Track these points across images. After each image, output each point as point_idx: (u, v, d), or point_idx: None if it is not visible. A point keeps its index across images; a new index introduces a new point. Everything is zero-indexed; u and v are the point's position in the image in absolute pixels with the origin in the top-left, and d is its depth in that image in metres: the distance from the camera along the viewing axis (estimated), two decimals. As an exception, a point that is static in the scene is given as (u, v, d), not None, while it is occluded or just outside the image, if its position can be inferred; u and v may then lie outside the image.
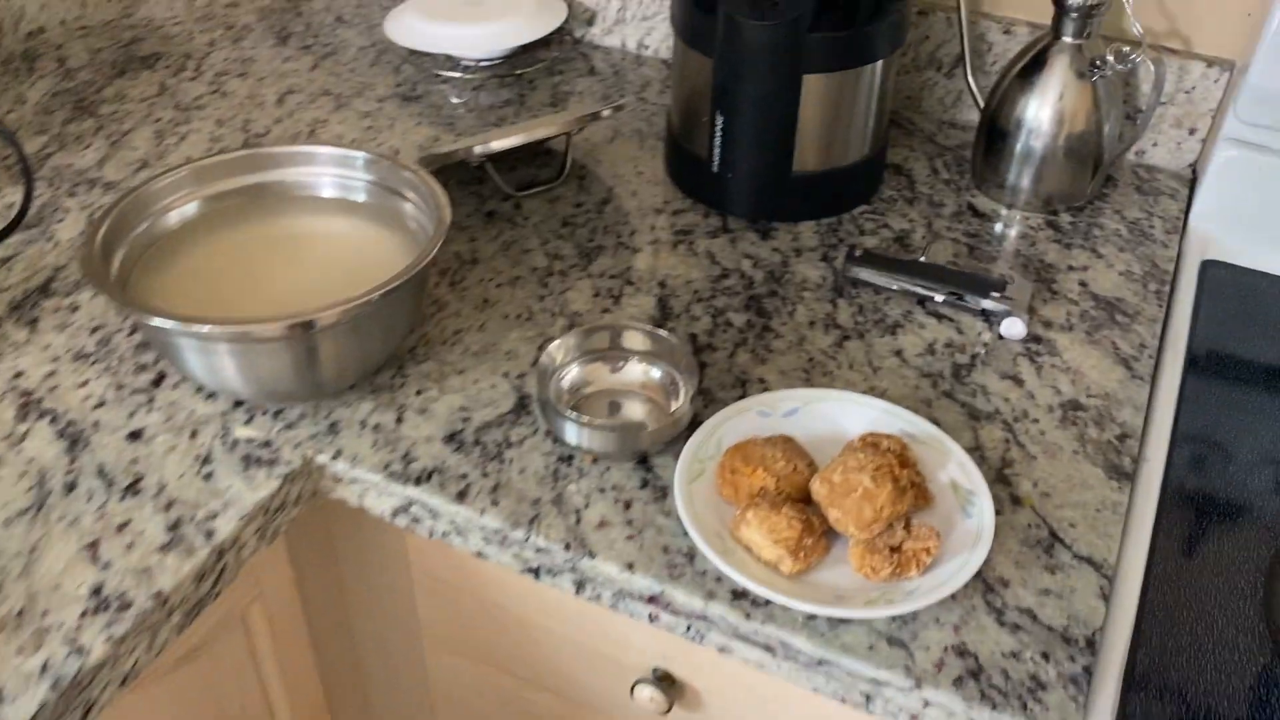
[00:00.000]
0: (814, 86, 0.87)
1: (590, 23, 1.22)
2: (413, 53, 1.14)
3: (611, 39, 1.21)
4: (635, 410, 0.75)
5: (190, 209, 0.79)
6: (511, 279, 0.87)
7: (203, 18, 1.27)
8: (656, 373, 0.76)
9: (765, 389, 0.77)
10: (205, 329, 0.65)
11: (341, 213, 0.81)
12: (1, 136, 0.96)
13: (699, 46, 0.89)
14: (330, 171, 0.81)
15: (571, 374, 0.76)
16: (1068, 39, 0.90)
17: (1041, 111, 0.92)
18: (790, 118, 0.88)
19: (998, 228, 0.94)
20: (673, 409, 0.72)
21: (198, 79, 1.14)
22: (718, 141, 0.91)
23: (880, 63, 0.89)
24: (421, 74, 1.15)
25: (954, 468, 0.69)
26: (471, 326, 0.82)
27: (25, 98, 1.10)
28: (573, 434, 0.70)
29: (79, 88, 1.12)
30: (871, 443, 0.69)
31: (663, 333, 0.75)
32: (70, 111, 1.08)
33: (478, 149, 0.89)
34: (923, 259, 0.87)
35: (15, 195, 0.95)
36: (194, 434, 0.72)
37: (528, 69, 1.16)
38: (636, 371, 0.76)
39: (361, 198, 0.81)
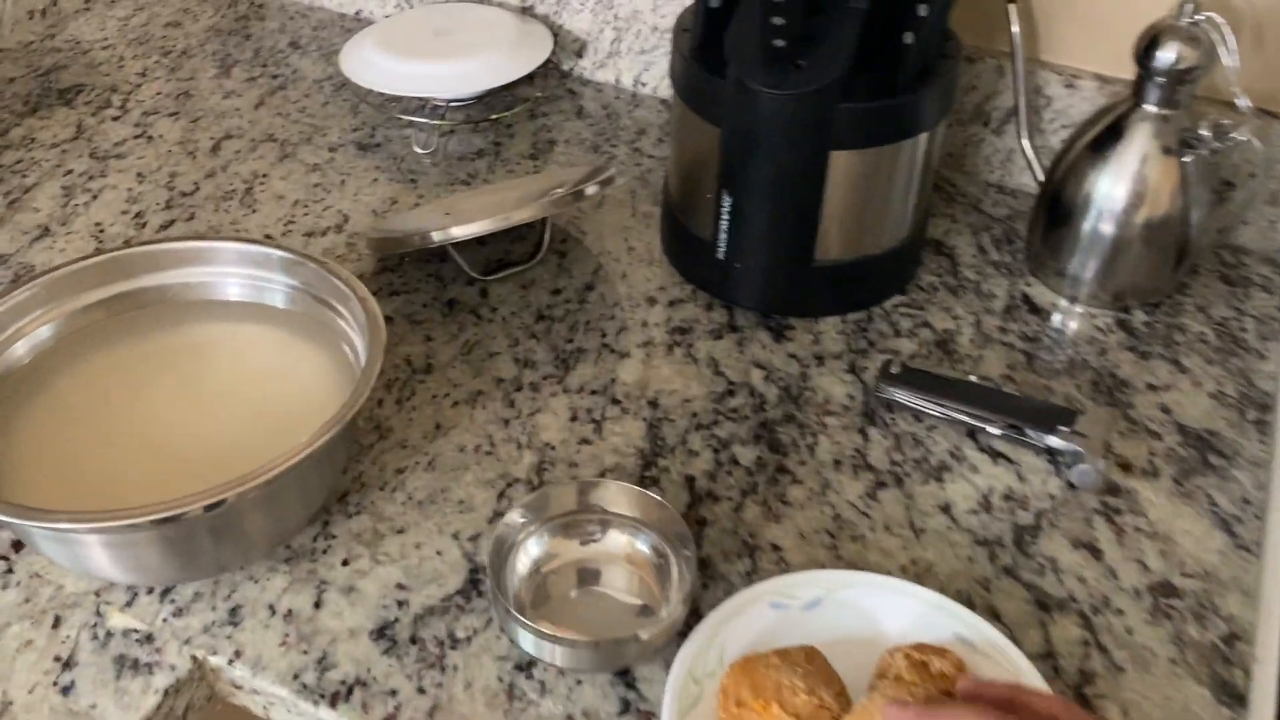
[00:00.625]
0: (843, 164, 0.71)
1: (580, 54, 1.06)
2: (368, 89, 0.98)
3: (604, 73, 1.05)
4: (616, 580, 0.60)
5: (44, 333, 0.63)
6: (471, 394, 0.72)
7: (137, 40, 1.11)
8: (643, 545, 0.61)
9: (780, 559, 0.62)
10: (63, 525, 0.50)
11: (252, 320, 0.66)
12: None
13: (703, 111, 0.74)
14: (237, 271, 0.66)
15: (535, 545, 0.60)
16: (1151, 107, 0.74)
17: (1116, 190, 0.76)
18: (813, 201, 0.72)
19: (1059, 328, 0.78)
20: (663, 610, 0.57)
21: (123, 118, 0.98)
22: (724, 224, 0.75)
23: (924, 135, 0.73)
24: (382, 116, 0.99)
25: (1022, 691, 0.54)
26: (419, 464, 0.67)
27: (-82, 141, 0.94)
28: (533, 646, 0.55)
29: (-18, 129, 0.96)
30: (919, 663, 0.53)
31: (653, 496, 0.60)
32: (-33, 160, 0.92)
33: (436, 235, 0.73)
34: (974, 378, 0.71)
35: (-115, 272, 0.79)
36: (56, 622, 0.57)
37: (506, 112, 1.00)
38: (619, 541, 0.61)
39: (279, 302, 0.66)
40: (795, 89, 0.67)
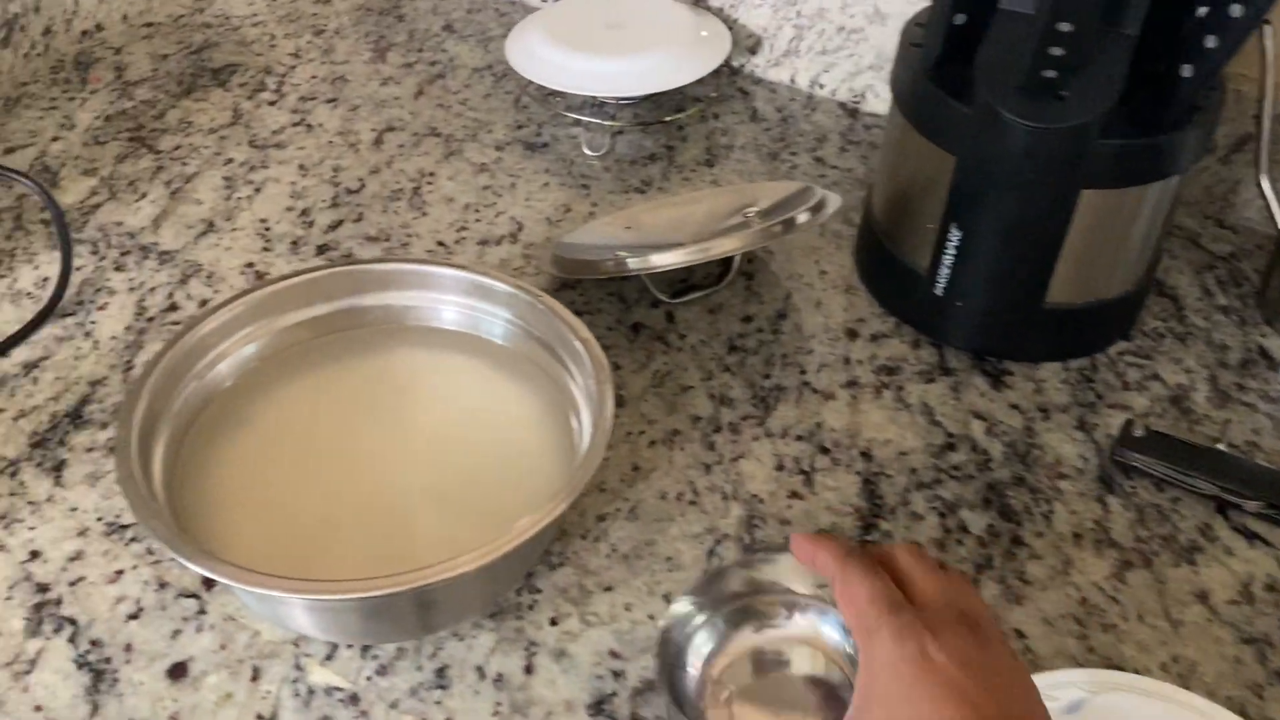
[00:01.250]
0: (1092, 204, 0.65)
1: (753, 51, 0.99)
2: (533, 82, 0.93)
3: (778, 73, 0.99)
4: (803, 668, 0.53)
5: (250, 351, 0.59)
6: (668, 434, 0.67)
7: (287, 17, 1.07)
8: (833, 630, 0.54)
9: (1025, 648, 0.56)
10: (269, 591, 0.46)
11: (465, 352, 0.61)
12: (37, 189, 0.77)
13: (934, 134, 0.67)
14: (455, 300, 0.61)
15: (708, 638, 0.53)
16: None
17: (1381, 239, 0.69)
18: (1054, 241, 0.66)
19: (1303, 387, 0.72)
20: None
21: (279, 103, 0.94)
22: (947, 259, 0.69)
23: (1175, 178, 0.66)
24: (547, 113, 0.94)
25: (1323, 829, 0.48)
26: (620, 511, 0.62)
27: (74, 120, 0.91)
28: None
29: (137, 110, 0.93)
30: (1208, 790, 0.48)
31: None
32: (125, 144, 0.89)
33: (633, 263, 0.68)
34: (1222, 447, 0.65)
35: (51, 263, 0.76)
36: (255, 674, 0.54)
37: (679, 114, 0.94)
38: (804, 626, 0.54)
39: (496, 336, 0.61)
40: (1057, 122, 0.60)
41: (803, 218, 0.69)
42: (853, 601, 0.43)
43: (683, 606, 0.53)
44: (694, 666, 0.53)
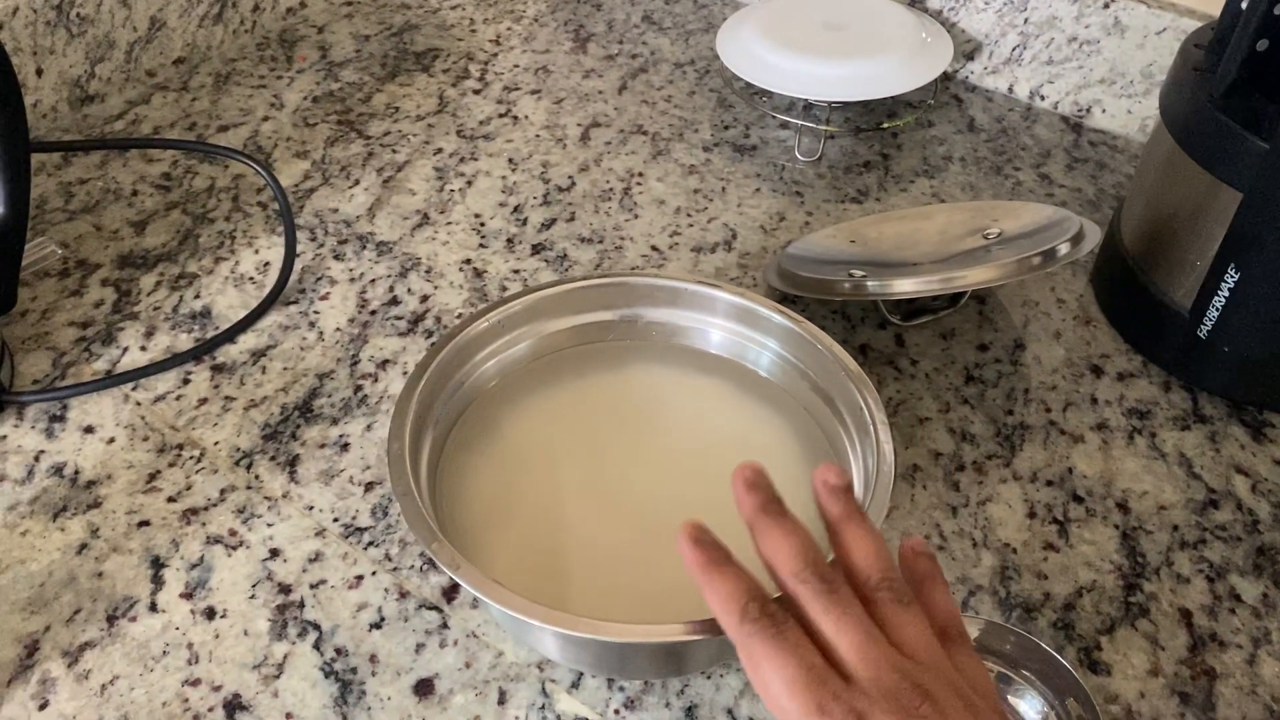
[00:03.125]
0: (1396, 252, 0.59)
1: (971, 57, 0.95)
2: (742, 80, 0.90)
3: (995, 80, 0.94)
4: None
5: (518, 352, 0.58)
6: (908, 469, 0.63)
7: (485, 1, 1.05)
8: (1030, 711, 0.50)
9: (1317, 739, 0.52)
10: (538, 624, 0.44)
11: (729, 379, 0.58)
12: (263, 172, 0.77)
13: (1215, 166, 0.62)
14: (722, 325, 0.58)
15: None
16: None
17: None
18: (1348, 290, 0.61)
19: None
20: None
21: (483, 92, 0.93)
22: (1218, 301, 0.64)
23: None
24: (755, 114, 0.91)
25: None
26: (864, 550, 0.59)
27: (283, 100, 0.91)
28: None
29: (344, 92, 0.92)
30: None
31: (1069, 668, 0.49)
32: (334, 126, 0.88)
33: (873, 286, 0.65)
34: None
35: (271, 248, 0.76)
36: (502, 698, 0.52)
37: (894, 120, 0.90)
38: (1005, 700, 0.51)
39: (761, 367, 0.58)
40: (1380, 165, 0.55)
41: (1064, 249, 0.65)
42: (756, 675, 0.36)
43: None
44: None
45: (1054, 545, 0.60)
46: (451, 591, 0.56)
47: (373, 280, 0.74)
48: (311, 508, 0.60)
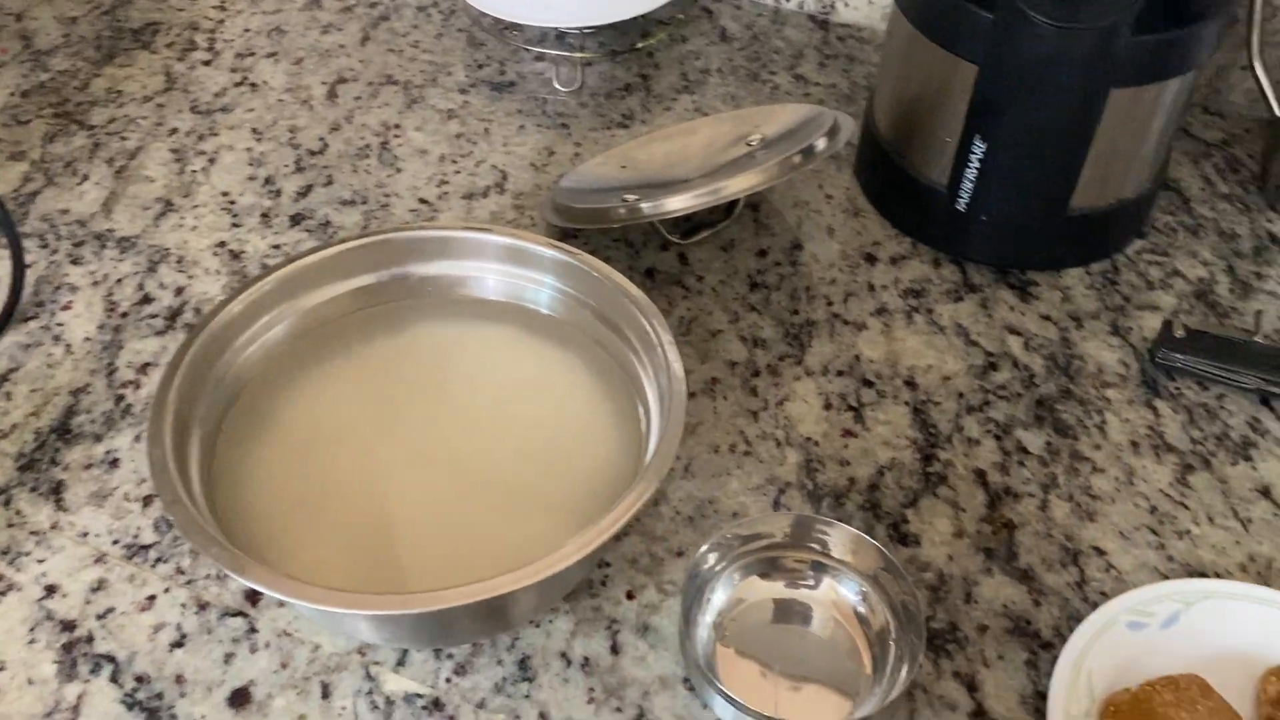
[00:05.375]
0: (1119, 104, 0.63)
1: (713, -33, 0.95)
2: (489, 16, 0.87)
3: (741, -12, 0.95)
4: (821, 628, 0.51)
5: (281, 332, 0.54)
6: (706, 383, 0.64)
7: (202, -35, 0.97)
8: (849, 594, 0.53)
9: (1108, 564, 0.56)
10: (336, 609, 0.41)
11: (511, 322, 0.56)
12: (-31, 181, 0.69)
13: (950, 43, 0.64)
14: (497, 268, 0.56)
15: (730, 585, 0.52)
16: None
17: (1387, 115, 0.69)
18: (1082, 145, 0.64)
19: (1316, 269, 0.72)
20: (871, 694, 0.49)
21: (214, 63, 0.87)
22: (970, 173, 0.66)
23: (1194, 71, 0.65)
24: (507, 49, 0.88)
25: None
26: (674, 471, 0.59)
27: (-14, 99, 0.82)
28: (731, 717, 0.47)
29: (56, 81, 0.84)
30: (1320, 688, 0.48)
31: (879, 547, 0.51)
32: (51, 121, 0.80)
33: (647, 208, 0.64)
34: (1259, 339, 0.64)
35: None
36: (326, 691, 0.50)
37: (648, 39, 0.89)
38: (831, 593, 0.52)
39: (542, 305, 0.56)
40: (1090, 22, 0.58)
41: (821, 144, 0.66)
42: None
43: (708, 558, 0.52)
44: (710, 615, 0.52)
45: (852, 431, 0.61)
46: (255, 594, 0.53)
47: (119, 280, 0.68)
48: (86, 534, 0.55)
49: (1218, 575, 0.55)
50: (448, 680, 0.50)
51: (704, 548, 0.51)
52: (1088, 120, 0.63)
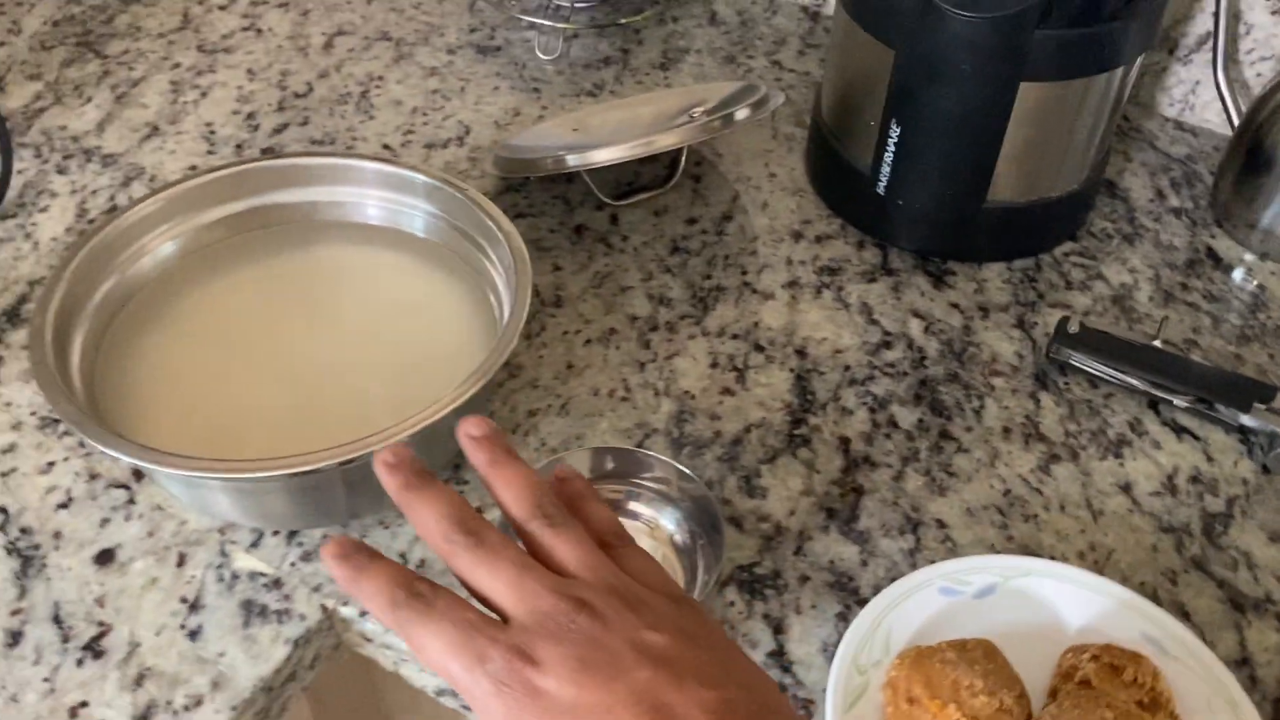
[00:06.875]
0: (1031, 98, 0.64)
1: (714, -47, 0.97)
2: (492, -14, 0.92)
3: (739, -24, 0.97)
4: None
5: (168, 249, 0.59)
6: (604, 332, 0.67)
7: (242, -78, 1.04)
8: (669, 522, 0.55)
9: (946, 537, 0.57)
10: (186, 473, 0.46)
11: (388, 246, 0.61)
12: (-23, 91, 0.76)
13: (875, 29, 0.66)
14: (376, 194, 0.61)
15: None
16: (1390, 43, 0.65)
17: (1331, 137, 0.68)
18: (994, 137, 0.65)
19: (1247, 287, 0.71)
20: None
21: (230, 7, 0.93)
22: (888, 156, 0.68)
23: (1120, 70, 0.65)
24: (502, 16, 0.93)
25: (1221, 706, 0.49)
26: (550, 407, 0.62)
27: (21, 26, 0.90)
28: None
29: (86, 15, 0.91)
30: (1109, 666, 0.49)
31: (685, 470, 0.54)
32: (72, 49, 0.88)
33: (572, 159, 0.67)
34: (1158, 343, 0.64)
35: (-7, 168, 0.76)
36: (181, 560, 0.55)
37: (635, 16, 0.92)
38: (642, 514, 0.55)
39: (418, 229, 0.61)
40: (994, 11, 0.59)
41: (742, 113, 0.68)
42: (424, 657, 0.35)
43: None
44: None
45: (731, 390, 0.64)
46: (139, 471, 0.58)
47: (95, 191, 0.75)
48: (10, 404, 0.61)
49: (1052, 559, 0.56)
50: (292, 564, 0.54)
51: None
52: (998, 112, 0.64)
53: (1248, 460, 0.61)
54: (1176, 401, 0.63)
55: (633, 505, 0.55)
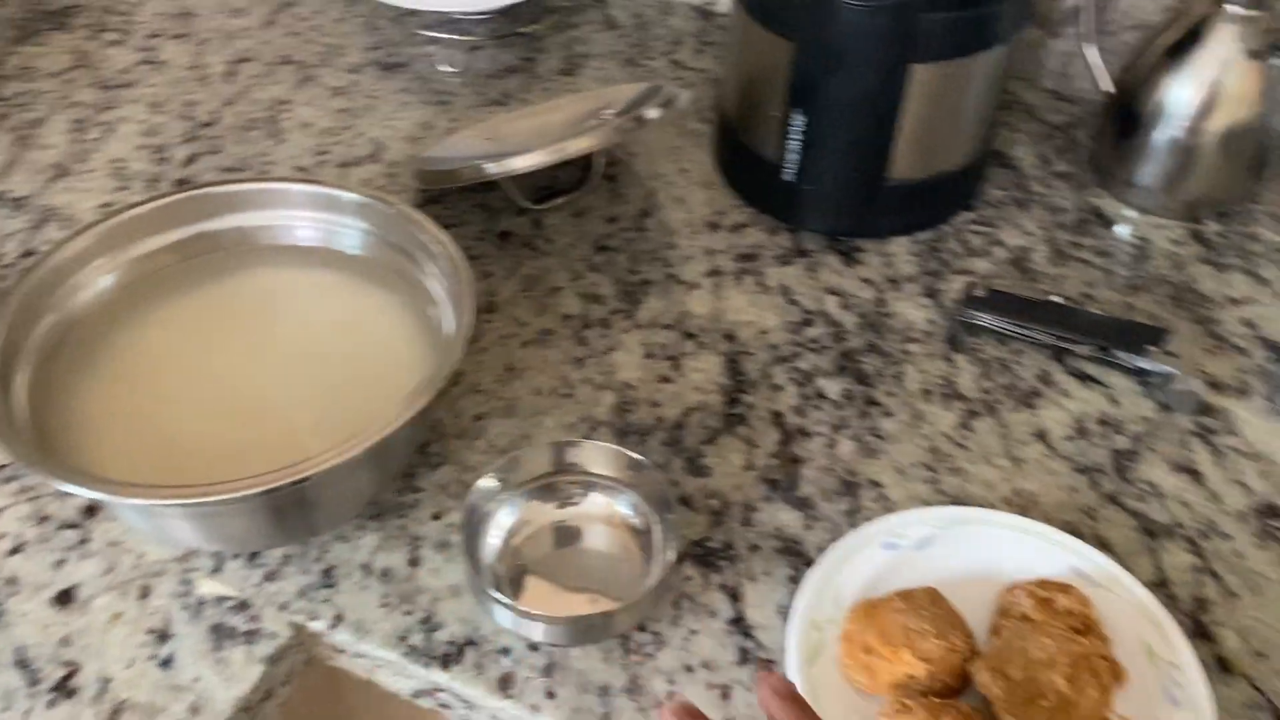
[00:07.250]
0: (922, 79, 0.68)
1: (605, -41, 1.00)
2: (388, 3, 0.92)
3: (631, -21, 1.00)
4: (597, 542, 0.57)
5: (107, 282, 0.59)
6: (540, 334, 0.69)
7: (126, -46, 1.03)
8: (624, 507, 0.57)
9: (881, 495, 0.60)
10: (148, 502, 0.47)
11: (323, 265, 0.62)
12: None
13: (772, 24, 0.69)
14: (306, 215, 0.61)
15: (510, 511, 0.57)
16: (1237, 8, 0.71)
17: (1193, 97, 0.73)
18: (890, 118, 0.69)
19: (1132, 241, 0.76)
20: (645, 580, 0.54)
21: (124, 43, 0.92)
22: (793, 145, 0.71)
23: (1001, 47, 0.70)
24: (403, 33, 0.94)
25: (1145, 624, 0.53)
26: (496, 409, 0.64)
27: (-94, 73, 0.88)
28: (510, 622, 0.52)
29: (-26, 58, 0.90)
30: (1044, 600, 0.53)
31: (635, 455, 0.56)
32: (-36, 93, 0.86)
33: (491, 168, 0.69)
34: (1056, 298, 0.69)
35: (-104, 220, 0.74)
36: (144, 593, 0.55)
37: (534, 25, 0.94)
38: (599, 504, 0.58)
39: (352, 247, 0.62)
40: (882, 0, 0.63)
41: (653, 112, 0.71)
42: None
43: (488, 482, 0.56)
44: (496, 537, 0.56)
45: (668, 378, 0.66)
46: (91, 508, 0.58)
47: (7, 236, 0.74)
48: (-55, 456, 0.61)
49: (981, 507, 0.59)
50: (256, 585, 0.55)
51: (480, 480, 0.56)
52: (892, 95, 0.68)
53: (1147, 400, 0.66)
54: (1078, 351, 0.67)
55: (592, 495, 0.57)
